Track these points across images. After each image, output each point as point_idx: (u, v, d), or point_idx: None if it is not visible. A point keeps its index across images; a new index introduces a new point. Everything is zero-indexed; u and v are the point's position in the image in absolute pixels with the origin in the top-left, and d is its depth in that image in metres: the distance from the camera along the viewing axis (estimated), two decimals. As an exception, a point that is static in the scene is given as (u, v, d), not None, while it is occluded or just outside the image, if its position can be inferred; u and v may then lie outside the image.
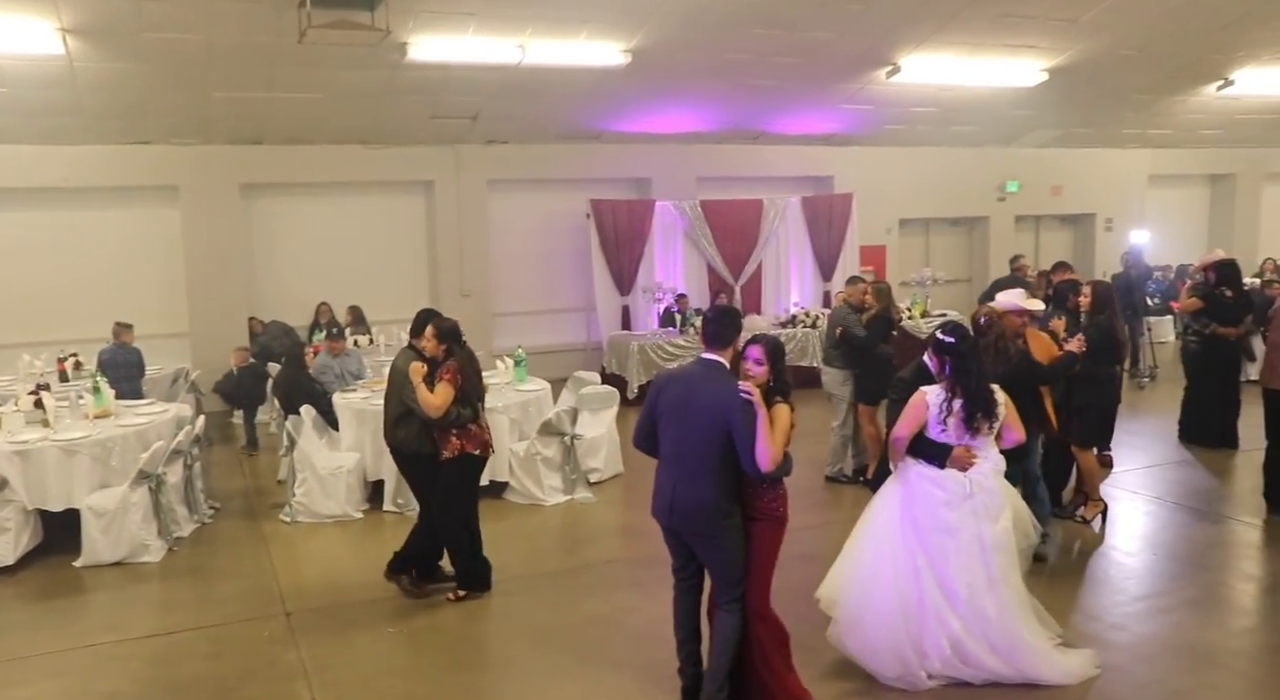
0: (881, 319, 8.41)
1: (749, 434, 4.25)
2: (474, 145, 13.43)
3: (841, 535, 5.53)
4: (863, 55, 11.93)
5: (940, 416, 4.78)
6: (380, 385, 8.97)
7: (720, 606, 4.50)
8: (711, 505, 4.35)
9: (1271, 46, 13.28)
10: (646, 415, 4.59)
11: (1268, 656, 5.15)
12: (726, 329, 4.54)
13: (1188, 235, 18.87)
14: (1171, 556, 6.66)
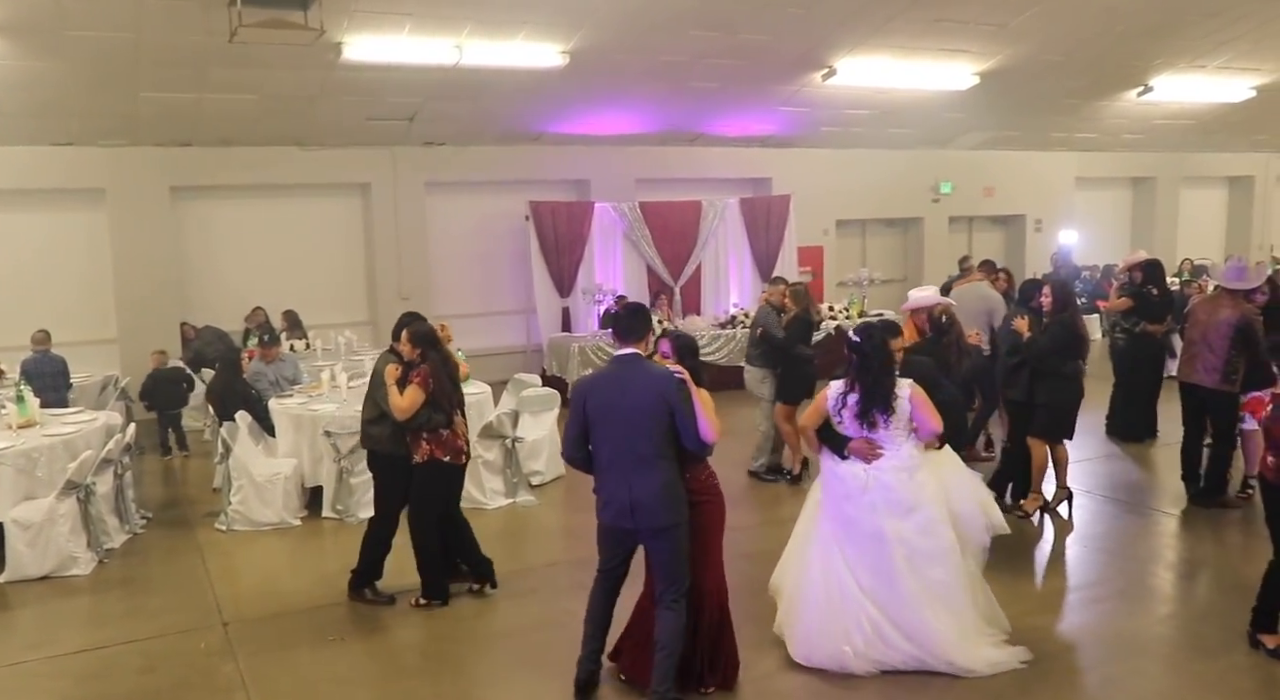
0: (800, 320, 8.51)
1: (689, 411, 4.42)
2: (411, 147, 13.29)
3: (782, 534, 5.61)
4: (800, 58, 12.08)
5: (836, 408, 4.97)
6: (317, 390, 8.87)
7: (665, 606, 4.53)
8: (670, 496, 4.47)
9: (1187, 55, 13.76)
10: (576, 425, 4.61)
11: (1189, 641, 5.33)
12: (639, 324, 4.69)
13: (1112, 236, 19.44)
14: (1101, 549, 6.86)
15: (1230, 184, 21.11)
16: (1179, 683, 4.89)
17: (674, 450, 4.49)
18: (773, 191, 15.41)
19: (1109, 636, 5.46)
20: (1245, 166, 20.57)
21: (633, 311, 4.78)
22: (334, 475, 7.87)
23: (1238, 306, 7.29)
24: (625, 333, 4.66)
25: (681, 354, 4.70)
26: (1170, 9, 12.07)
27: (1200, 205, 20.69)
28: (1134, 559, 6.62)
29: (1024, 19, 11.70)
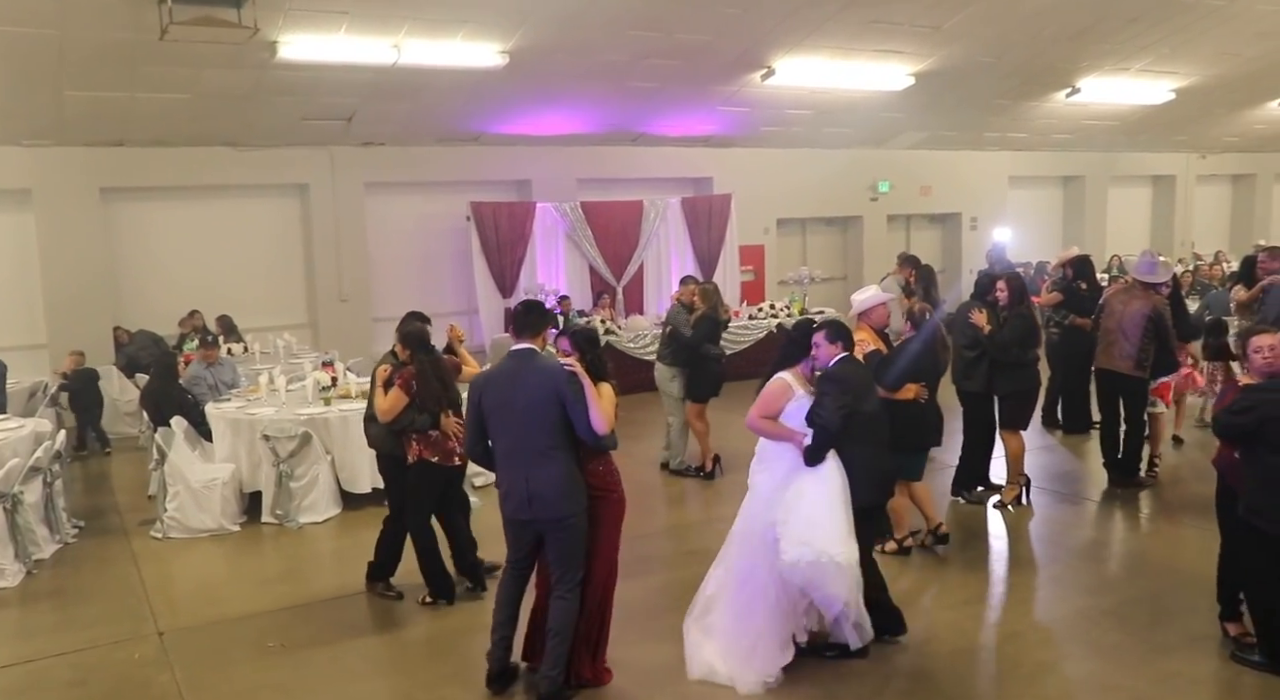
0: (707, 320, 8.57)
1: (580, 402, 4.52)
2: (349, 147, 13.13)
3: (724, 532, 5.65)
4: (739, 58, 12.18)
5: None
6: (255, 394, 8.74)
7: (559, 595, 4.68)
8: (568, 487, 4.58)
9: (1112, 58, 14.17)
10: (473, 422, 4.74)
11: (1115, 624, 5.49)
12: (535, 319, 4.80)
13: (1044, 233, 19.90)
14: (1037, 538, 7.04)
15: (1154, 183, 21.75)
16: (1108, 667, 5.03)
17: (570, 442, 4.60)
18: (714, 191, 15.52)
19: (1041, 623, 5.61)
20: (1167, 166, 21.22)
21: (528, 308, 4.88)
22: (273, 480, 7.77)
23: (1149, 298, 7.76)
24: (521, 328, 4.78)
25: (581, 346, 4.79)
26: (1095, 13, 12.43)
27: (1127, 203, 21.29)
28: (1064, 546, 6.81)
29: (956, 21, 11.95)
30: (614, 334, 12.96)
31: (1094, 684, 4.87)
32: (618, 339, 12.94)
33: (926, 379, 6.39)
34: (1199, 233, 21.82)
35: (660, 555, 6.98)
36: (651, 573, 6.58)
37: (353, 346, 12.50)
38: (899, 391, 6.26)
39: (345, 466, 8.03)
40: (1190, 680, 4.86)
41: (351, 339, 12.89)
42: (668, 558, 6.95)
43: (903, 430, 6.16)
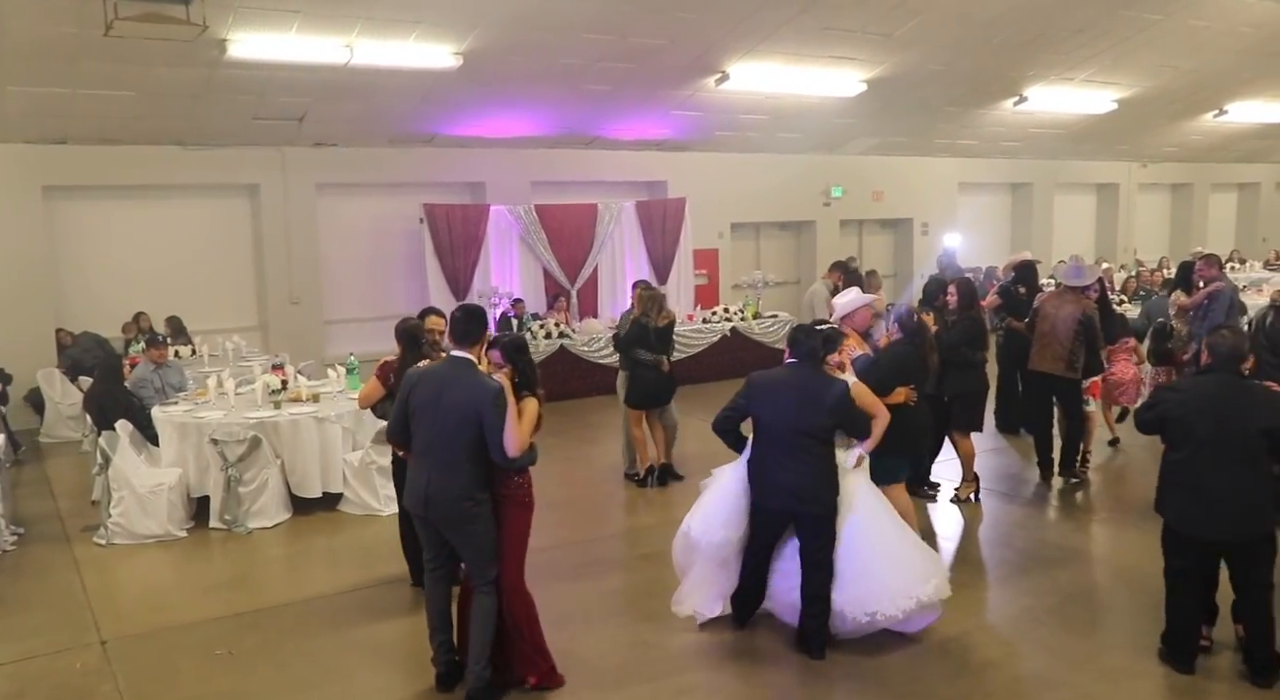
0: (634, 324, 8.51)
1: (499, 425, 4.55)
2: (301, 147, 12.98)
3: (675, 534, 5.68)
4: (693, 62, 12.24)
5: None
6: (204, 397, 8.60)
7: (476, 590, 4.76)
8: (463, 494, 4.63)
9: (1057, 68, 14.49)
10: (400, 411, 4.83)
11: (1061, 623, 5.61)
12: (473, 327, 4.83)
13: (993, 238, 20.23)
14: (985, 539, 7.15)
15: (1098, 190, 22.22)
16: (1053, 665, 5.14)
17: (481, 456, 4.62)
18: (668, 195, 15.56)
19: (989, 623, 5.71)
20: (1110, 174, 21.70)
21: (468, 314, 4.89)
22: (222, 484, 7.64)
23: (1079, 302, 8.11)
24: (460, 336, 4.82)
25: (512, 357, 4.80)
26: (1041, 24, 12.69)
27: (1072, 210, 21.73)
28: (1011, 547, 6.92)
29: (908, 29, 12.12)
30: (568, 337, 12.95)
31: (1039, 681, 4.96)
32: (572, 342, 12.93)
33: (915, 382, 6.37)
34: (1141, 239, 22.34)
35: (614, 559, 6.99)
36: (606, 576, 6.58)
37: (304, 349, 12.35)
38: (888, 395, 6.23)
39: (296, 471, 7.93)
40: (1132, 675, 4.97)
41: (303, 342, 12.74)
42: (622, 561, 6.96)
43: (892, 435, 6.21)
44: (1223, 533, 4.76)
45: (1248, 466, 4.68)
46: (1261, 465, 4.70)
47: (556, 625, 5.71)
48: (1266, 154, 23.01)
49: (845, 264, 10.79)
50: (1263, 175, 24.21)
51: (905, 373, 6.33)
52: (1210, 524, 4.76)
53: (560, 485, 8.82)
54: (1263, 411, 4.69)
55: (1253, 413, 4.68)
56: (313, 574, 6.90)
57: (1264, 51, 14.96)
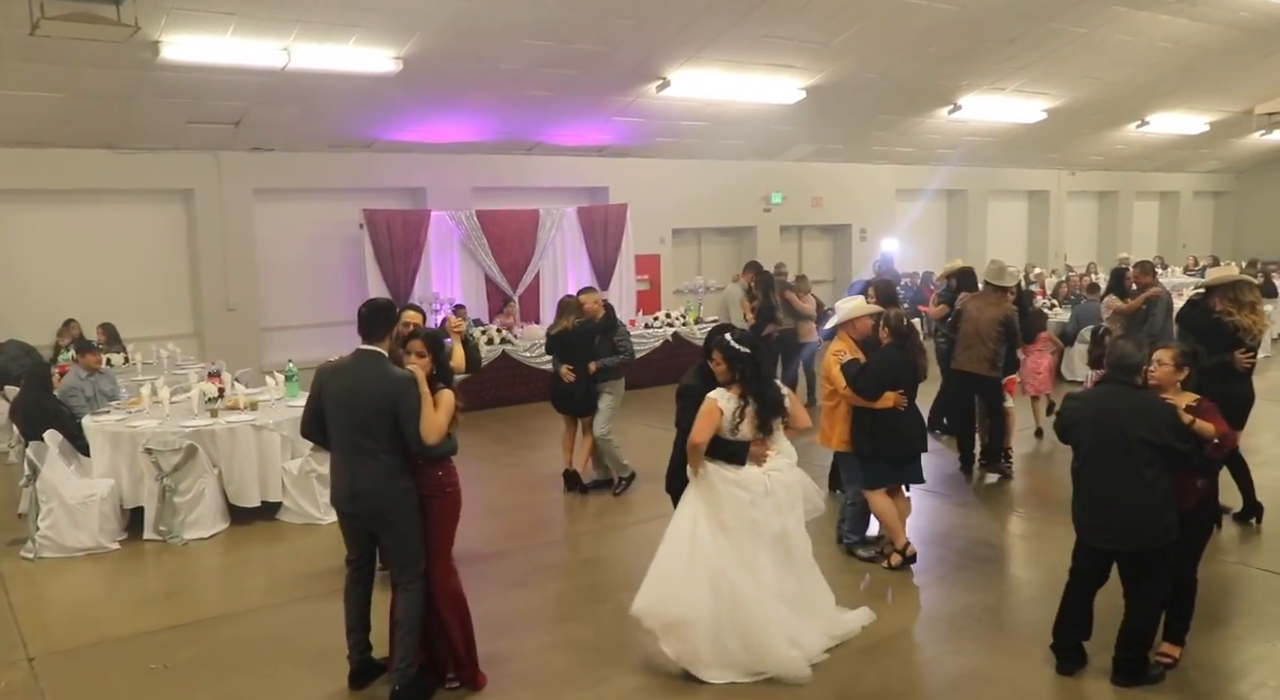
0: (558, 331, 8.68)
1: (414, 413, 4.58)
2: (237, 152, 12.76)
3: (624, 538, 5.72)
4: (634, 69, 12.31)
5: (734, 421, 4.98)
6: (137, 405, 8.41)
7: (402, 587, 4.77)
8: (390, 484, 4.65)
9: (990, 77, 14.87)
10: (311, 407, 4.84)
11: (995, 619, 5.76)
12: (382, 321, 4.85)
13: (931, 244, 20.65)
14: (922, 539, 7.28)
15: (1029, 197, 22.81)
16: (990, 661, 5.26)
17: (399, 446, 4.65)
18: (610, 200, 15.61)
19: (931, 620, 5.83)
20: (1041, 182, 22.29)
21: (374, 309, 4.90)
22: (156, 494, 7.48)
23: (1001, 305, 8.52)
24: (367, 330, 4.83)
25: (433, 349, 4.87)
26: (973, 35, 13.01)
27: (1005, 216, 22.27)
28: (950, 547, 7.07)
29: (844, 38, 12.34)
30: (510, 343, 12.91)
31: (976, 678, 5.07)
32: (514, 348, 12.90)
33: (905, 386, 6.39)
34: (1070, 245, 22.98)
35: (557, 564, 6.99)
36: (549, 582, 6.59)
37: (241, 356, 12.13)
38: (877, 400, 6.30)
39: (233, 480, 7.79)
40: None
41: (240, 349, 12.51)
42: (564, 566, 6.96)
43: (884, 439, 6.35)
44: (1110, 541, 4.83)
45: (1132, 476, 4.67)
46: (1148, 476, 4.66)
47: (499, 631, 5.71)
48: (1185, 164, 23.90)
49: (758, 265, 10.98)
50: (1182, 184, 25.11)
51: (894, 377, 6.34)
52: (1098, 531, 4.85)
53: (503, 491, 8.79)
54: (1141, 421, 4.66)
55: (1133, 422, 4.67)
56: (251, 584, 6.79)
57: (1180, 66, 15.60)
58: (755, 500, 4.97)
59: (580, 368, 8.30)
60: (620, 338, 8.39)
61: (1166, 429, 4.65)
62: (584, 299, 8.52)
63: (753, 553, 4.97)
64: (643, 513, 7.77)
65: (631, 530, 7.52)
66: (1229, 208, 26.50)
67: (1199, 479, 4.85)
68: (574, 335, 8.46)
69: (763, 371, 5.13)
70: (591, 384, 8.32)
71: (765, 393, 5.08)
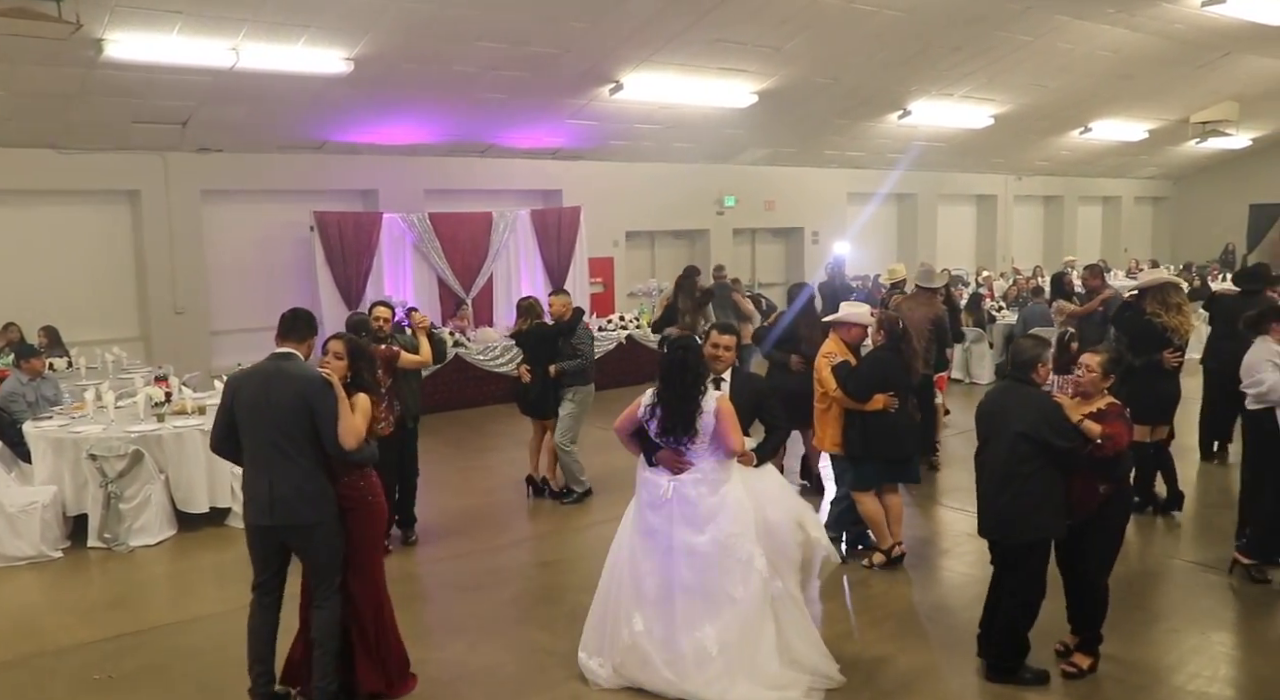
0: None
1: (331, 414, 4.48)
2: (185, 153, 12.55)
3: (580, 540, 5.73)
4: (587, 71, 12.33)
5: (645, 417, 4.90)
6: (80, 411, 8.24)
7: (317, 604, 4.64)
8: (310, 491, 4.52)
9: (938, 83, 15.12)
10: (223, 417, 4.65)
11: (945, 617, 5.86)
12: (300, 324, 4.77)
13: (881, 247, 20.91)
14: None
15: (978, 201, 23.20)
16: (941, 657, 5.36)
17: (319, 450, 4.54)
18: (563, 203, 15.61)
19: (880, 619, 5.92)
20: (989, 186, 22.69)
21: (296, 314, 4.82)
22: (100, 501, 7.35)
23: (932, 306, 8.85)
24: (285, 333, 4.74)
25: (353, 352, 4.77)
26: (922, 41, 13.23)
27: (954, 220, 22.63)
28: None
29: (796, 43, 12.47)
30: (464, 346, 12.87)
31: (927, 674, 5.17)
32: (468, 351, 12.86)
33: (896, 389, 6.39)
34: (1017, 248, 23.41)
35: (512, 567, 6.98)
36: (504, 585, 6.58)
37: (189, 360, 11.92)
38: (867, 403, 6.33)
39: (181, 486, 7.68)
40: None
41: (188, 352, 12.29)
42: (520, 569, 6.96)
43: (875, 441, 6.39)
44: (987, 531, 5.01)
45: (1009, 469, 4.81)
46: (1023, 470, 4.77)
47: (454, 634, 5.71)
48: (1127, 169, 24.50)
49: (691, 268, 11.05)
50: (1124, 189, 25.72)
51: (885, 379, 6.36)
52: (981, 521, 5.04)
53: (457, 495, 8.76)
54: (1022, 416, 4.79)
55: (1015, 417, 4.80)
56: (199, 592, 6.70)
57: (1120, 74, 16.02)
58: (653, 502, 4.83)
59: (538, 370, 8.30)
60: (578, 341, 8.32)
61: (1046, 426, 4.76)
62: (554, 301, 8.56)
63: (644, 550, 4.82)
64: (600, 515, 7.79)
65: (588, 533, 7.54)
66: (1167, 213, 27.20)
67: (1101, 484, 4.85)
68: (529, 337, 8.48)
69: (671, 377, 4.82)
70: (551, 387, 8.29)
71: (670, 400, 4.81)
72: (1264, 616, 5.91)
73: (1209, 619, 5.82)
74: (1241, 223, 24.59)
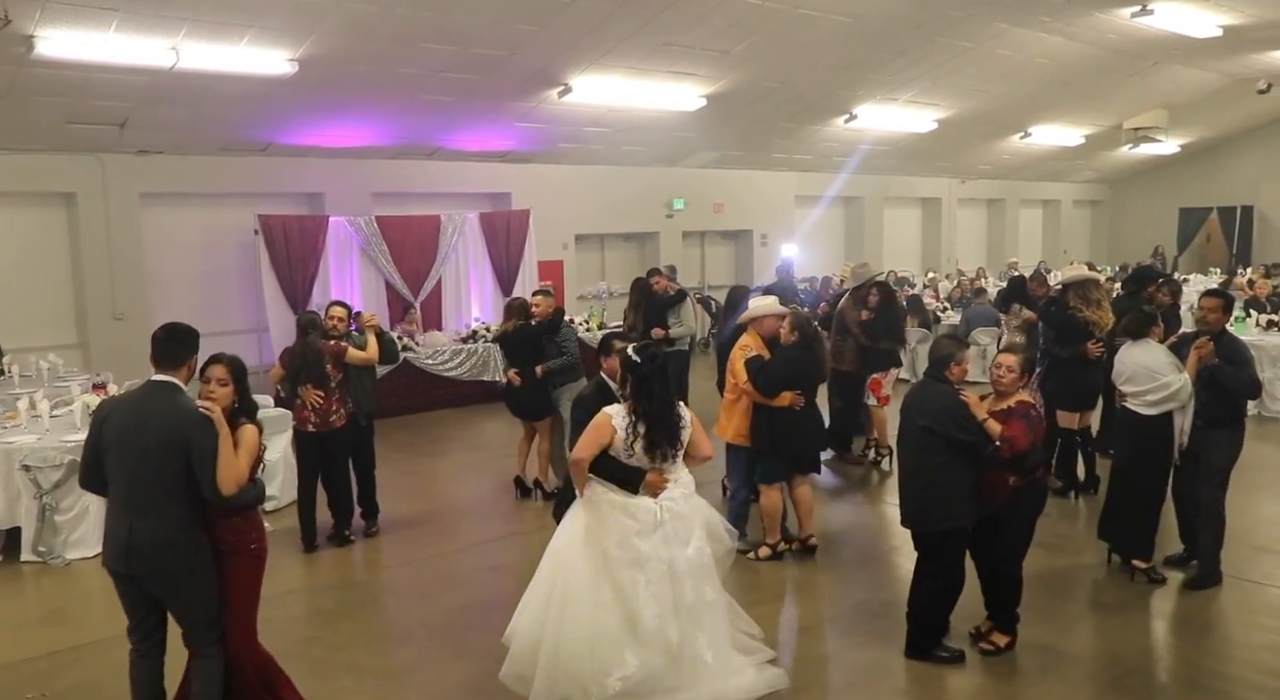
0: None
1: (209, 454, 4.00)
2: (123, 155, 12.25)
3: (530, 545, 5.69)
4: (536, 74, 12.29)
5: (627, 440, 4.57)
6: (13, 420, 8.01)
7: (199, 654, 4.23)
8: (176, 540, 4.05)
9: (883, 88, 15.32)
10: (90, 450, 4.16)
11: (893, 613, 5.87)
12: (177, 347, 4.22)
13: (829, 250, 21.11)
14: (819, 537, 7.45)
15: (923, 204, 23.54)
16: (887, 653, 5.41)
17: (192, 494, 4.06)
18: (512, 206, 15.53)
19: (829, 617, 5.97)
20: (933, 189, 23.04)
21: (169, 333, 4.24)
22: (35, 513, 7.14)
23: (866, 306, 9.13)
24: (160, 358, 4.19)
25: (237, 377, 4.26)
26: (866, 47, 13.40)
27: (900, 223, 22.95)
28: (849, 545, 7.25)
29: (744, 47, 12.55)
30: (411, 350, 12.74)
31: (877, 670, 5.22)
32: (416, 355, 12.74)
33: (804, 387, 6.50)
34: (961, 251, 23.79)
35: (461, 573, 6.92)
36: (452, 591, 6.52)
37: (129, 367, 11.56)
38: (775, 398, 6.41)
39: (119, 496, 7.48)
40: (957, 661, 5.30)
41: (128, 359, 11.93)
42: (468, 575, 6.90)
43: (780, 438, 6.48)
44: (903, 519, 5.32)
45: (918, 461, 5.12)
46: (930, 462, 5.03)
47: (400, 642, 5.65)
48: (1065, 174, 25.06)
49: (656, 270, 11.06)
50: (1063, 193, 26.29)
51: (793, 377, 6.45)
52: (900, 510, 5.33)
53: (405, 501, 8.66)
54: (928, 410, 5.05)
55: (923, 411, 5.08)
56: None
57: (1057, 81, 16.40)
58: (643, 530, 4.54)
59: (526, 370, 8.30)
60: (563, 339, 8.33)
61: (949, 419, 4.99)
62: (536, 300, 8.56)
63: (633, 584, 4.51)
64: (548, 518, 7.74)
65: (537, 536, 7.46)
66: (1104, 216, 27.86)
67: (1011, 476, 5.06)
68: (514, 338, 8.51)
69: (654, 389, 4.61)
70: (541, 387, 8.30)
71: (655, 413, 4.60)
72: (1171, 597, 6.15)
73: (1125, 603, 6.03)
74: (1172, 226, 25.31)
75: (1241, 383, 6.00)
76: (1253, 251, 23.85)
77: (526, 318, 8.48)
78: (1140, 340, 6.18)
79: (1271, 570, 6.53)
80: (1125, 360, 6.21)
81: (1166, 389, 5.94)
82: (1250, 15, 13.50)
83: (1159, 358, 6.06)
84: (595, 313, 14.86)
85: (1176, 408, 5.98)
